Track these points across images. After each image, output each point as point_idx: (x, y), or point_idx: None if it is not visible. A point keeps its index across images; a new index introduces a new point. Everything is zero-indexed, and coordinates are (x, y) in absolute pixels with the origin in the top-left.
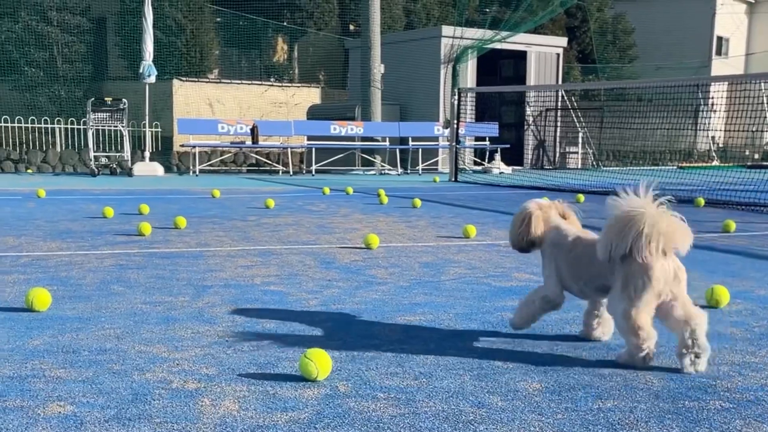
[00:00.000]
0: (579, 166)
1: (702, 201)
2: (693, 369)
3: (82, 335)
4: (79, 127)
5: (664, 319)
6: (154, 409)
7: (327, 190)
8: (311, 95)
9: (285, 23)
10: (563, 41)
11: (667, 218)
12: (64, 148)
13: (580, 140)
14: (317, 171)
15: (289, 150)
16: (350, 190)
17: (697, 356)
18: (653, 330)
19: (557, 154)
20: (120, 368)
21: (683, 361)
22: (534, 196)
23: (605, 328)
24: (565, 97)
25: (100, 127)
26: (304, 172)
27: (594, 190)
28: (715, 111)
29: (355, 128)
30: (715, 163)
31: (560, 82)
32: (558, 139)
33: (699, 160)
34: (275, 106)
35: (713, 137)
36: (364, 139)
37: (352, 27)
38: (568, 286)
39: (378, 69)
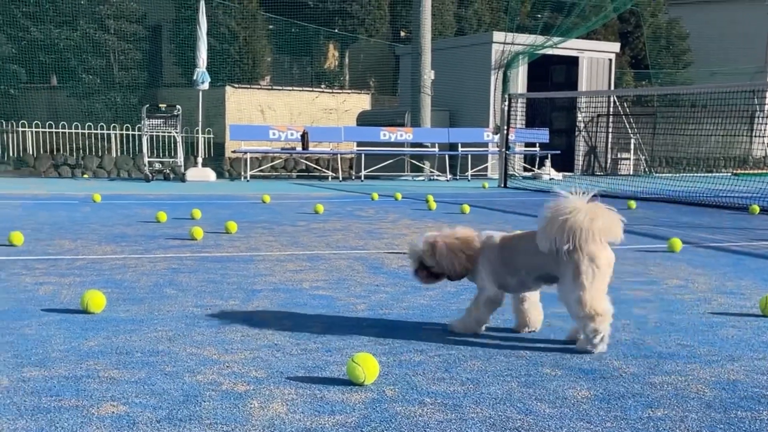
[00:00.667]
0: (631, 173)
1: (757, 208)
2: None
3: (135, 337)
4: (134, 133)
5: None
6: (204, 411)
7: (376, 196)
8: (361, 101)
9: (336, 30)
10: (616, 46)
11: (603, 213)
12: (119, 153)
13: (632, 146)
14: (366, 177)
15: (338, 156)
16: (399, 195)
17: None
18: (609, 310)
19: (609, 160)
20: (172, 370)
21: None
22: None
23: (536, 317)
24: (617, 103)
25: (154, 133)
26: (353, 177)
27: (646, 197)
28: None
29: (404, 134)
30: None
31: (612, 87)
32: (609, 145)
33: (754, 167)
34: (325, 113)
35: None
36: (413, 145)
37: (402, 33)
38: (506, 283)
39: (428, 75)
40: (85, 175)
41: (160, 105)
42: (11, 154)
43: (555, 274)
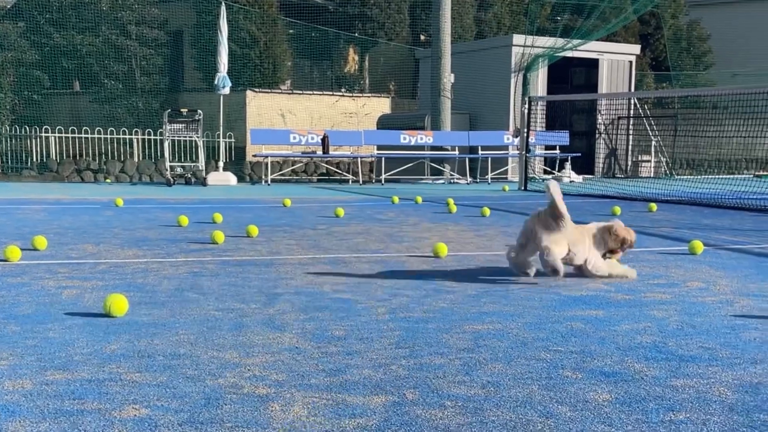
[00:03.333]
0: (652, 175)
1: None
2: None
3: (157, 340)
4: (155, 137)
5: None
6: (226, 414)
7: (396, 199)
8: (381, 105)
9: (356, 34)
10: (636, 48)
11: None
12: (141, 158)
13: (653, 149)
14: (387, 180)
15: (359, 159)
16: (419, 199)
17: None
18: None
19: (629, 163)
20: (193, 373)
21: None
22: (605, 205)
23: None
24: (638, 105)
25: (175, 138)
26: (373, 181)
27: (667, 199)
28: None
29: (424, 137)
30: None
31: (633, 89)
32: (630, 148)
33: None
34: (346, 116)
35: None
36: (433, 148)
37: (422, 37)
38: None
39: (448, 78)
40: (108, 180)
41: (182, 110)
42: (35, 159)
43: None
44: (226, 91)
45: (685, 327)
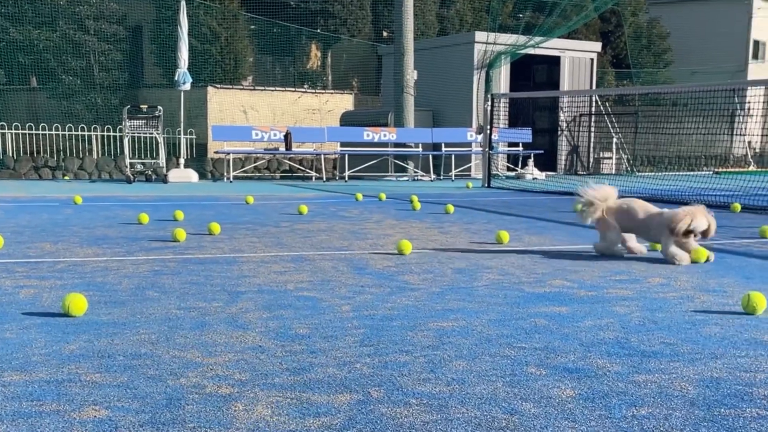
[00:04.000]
0: (613, 172)
1: (738, 206)
2: None
3: (117, 340)
4: (115, 134)
5: None
6: (188, 414)
7: (360, 196)
8: (344, 102)
9: (318, 30)
10: (597, 46)
11: None
12: (100, 155)
13: (614, 145)
14: (350, 177)
15: (322, 156)
16: (383, 196)
17: None
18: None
19: (591, 160)
20: (154, 373)
21: None
22: (568, 201)
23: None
24: (599, 103)
25: (135, 134)
26: (337, 178)
27: (628, 195)
28: (751, 115)
29: (388, 134)
30: (752, 168)
31: (594, 87)
32: (592, 145)
33: (735, 165)
34: (309, 113)
35: (749, 142)
36: (397, 145)
37: (385, 33)
38: None
39: (411, 75)
40: (66, 177)
41: (141, 106)
42: None
43: None
44: (187, 87)
45: (647, 323)
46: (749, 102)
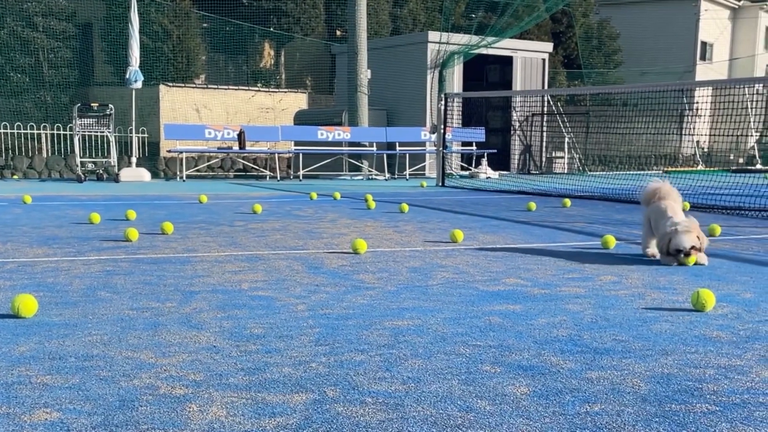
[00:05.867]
0: (565, 171)
1: (687, 205)
2: None
3: (68, 341)
4: (65, 132)
5: None
6: (141, 416)
7: (314, 195)
8: (298, 100)
9: (271, 29)
10: (549, 46)
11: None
12: (50, 153)
13: (566, 145)
14: (305, 176)
15: (276, 155)
16: (338, 195)
17: None
18: None
19: (544, 159)
20: (107, 374)
21: None
22: (521, 200)
23: None
24: (551, 102)
25: (86, 133)
26: (291, 177)
27: (580, 194)
28: (699, 116)
29: (342, 133)
30: (700, 167)
31: (546, 87)
32: (544, 144)
33: (684, 164)
34: (262, 112)
35: (698, 142)
36: (351, 144)
37: (338, 32)
38: None
39: (364, 74)
40: (15, 176)
41: (92, 104)
42: None
43: None
44: (138, 85)
45: (600, 320)
46: (697, 102)
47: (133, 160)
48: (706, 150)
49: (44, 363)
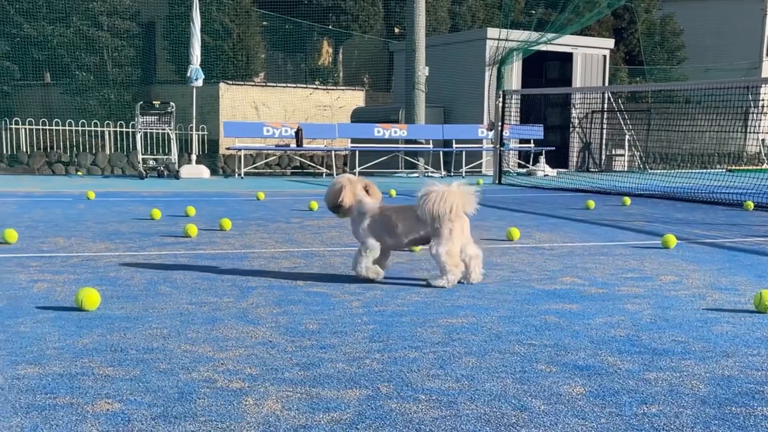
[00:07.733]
0: (625, 169)
1: (751, 204)
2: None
3: (129, 334)
4: (127, 130)
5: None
6: (199, 408)
7: None
8: (355, 98)
9: (330, 26)
10: (610, 43)
11: (460, 193)
12: (113, 150)
13: (626, 143)
14: (360, 173)
15: (332, 153)
16: (393, 192)
17: (467, 280)
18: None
19: (603, 157)
20: (166, 367)
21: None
22: (579, 198)
23: (386, 264)
24: (612, 99)
25: (148, 130)
26: None
27: (640, 193)
28: (765, 113)
29: (398, 131)
30: (765, 166)
31: (606, 83)
32: (604, 142)
33: (748, 163)
34: (320, 109)
35: (763, 140)
36: (407, 141)
37: (396, 30)
38: (383, 240)
39: (422, 71)
40: (79, 173)
41: (154, 102)
42: (5, 151)
43: (429, 236)
44: (199, 83)
45: (659, 320)
46: (763, 99)
47: (193, 157)
48: None
49: (106, 355)
